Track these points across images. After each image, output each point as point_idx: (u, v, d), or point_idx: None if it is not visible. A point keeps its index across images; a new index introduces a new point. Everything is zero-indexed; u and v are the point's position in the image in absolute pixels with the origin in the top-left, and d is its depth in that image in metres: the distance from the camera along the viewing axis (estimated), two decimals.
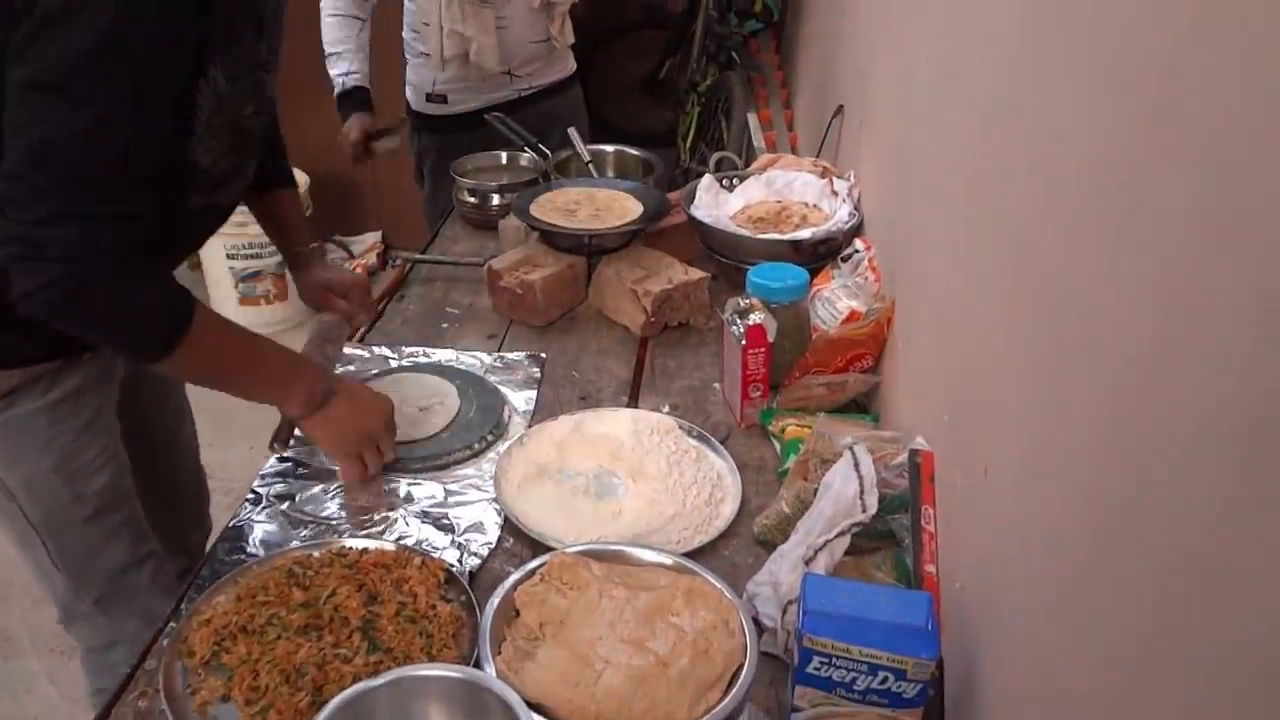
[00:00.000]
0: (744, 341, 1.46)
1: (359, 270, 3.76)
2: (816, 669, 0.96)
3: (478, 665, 1.01)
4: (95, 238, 1.08)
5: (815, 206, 1.95)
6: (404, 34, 2.45)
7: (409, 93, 2.52)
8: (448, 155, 2.35)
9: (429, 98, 2.45)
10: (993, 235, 1.04)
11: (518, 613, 1.09)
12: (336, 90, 2.33)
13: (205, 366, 1.25)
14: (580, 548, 1.15)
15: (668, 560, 1.15)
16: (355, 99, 2.33)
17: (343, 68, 2.31)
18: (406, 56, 2.49)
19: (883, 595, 1.00)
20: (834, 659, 0.95)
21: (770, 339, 1.47)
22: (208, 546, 1.80)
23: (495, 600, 1.08)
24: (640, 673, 0.98)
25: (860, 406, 1.56)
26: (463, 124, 2.44)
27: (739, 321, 1.48)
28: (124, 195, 1.10)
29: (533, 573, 1.12)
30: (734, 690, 1.00)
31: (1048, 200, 0.88)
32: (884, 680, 0.95)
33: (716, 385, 1.63)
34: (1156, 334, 0.65)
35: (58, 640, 2.24)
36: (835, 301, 1.66)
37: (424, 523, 1.32)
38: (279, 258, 3.53)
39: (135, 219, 1.12)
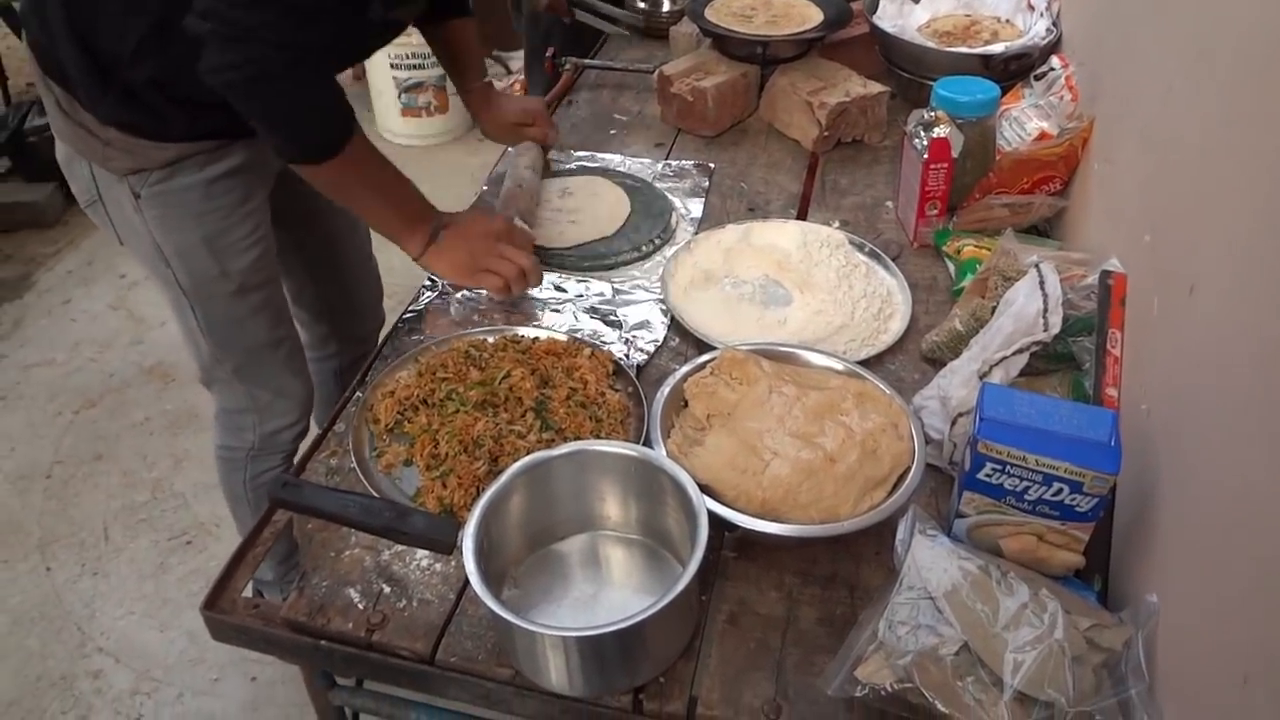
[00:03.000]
0: (926, 155, 1.39)
1: (516, 86, 3.75)
2: (988, 475, 0.95)
3: (648, 447, 1.05)
4: (294, 28, 1.10)
5: (1008, 21, 1.82)
6: None
7: None
8: None
9: None
10: (1219, 41, 0.95)
11: (686, 403, 1.11)
12: None
13: (349, 183, 1.28)
14: (751, 345, 1.16)
15: (838, 365, 1.14)
16: None
17: None
18: None
19: (1064, 408, 0.97)
20: (1008, 466, 0.94)
21: (954, 154, 1.40)
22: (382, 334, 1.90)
23: (665, 389, 1.10)
24: (808, 465, 0.99)
25: (1040, 232, 1.48)
26: None
27: (923, 134, 1.41)
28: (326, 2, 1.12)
29: (702, 366, 1.13)
30: (900, 490, 1.00)
31: None
32: (1058, 492, 0.93)
33: (889, 204, 1.57)
34: None
35: None
36: (1025, 122, 1.56)
37: (593, 317, 1.34)
38: (441, 70, 3.60)
39: (332, 18, 1.14)
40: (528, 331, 1.29)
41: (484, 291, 1.39)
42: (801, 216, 1.56)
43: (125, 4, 1.21)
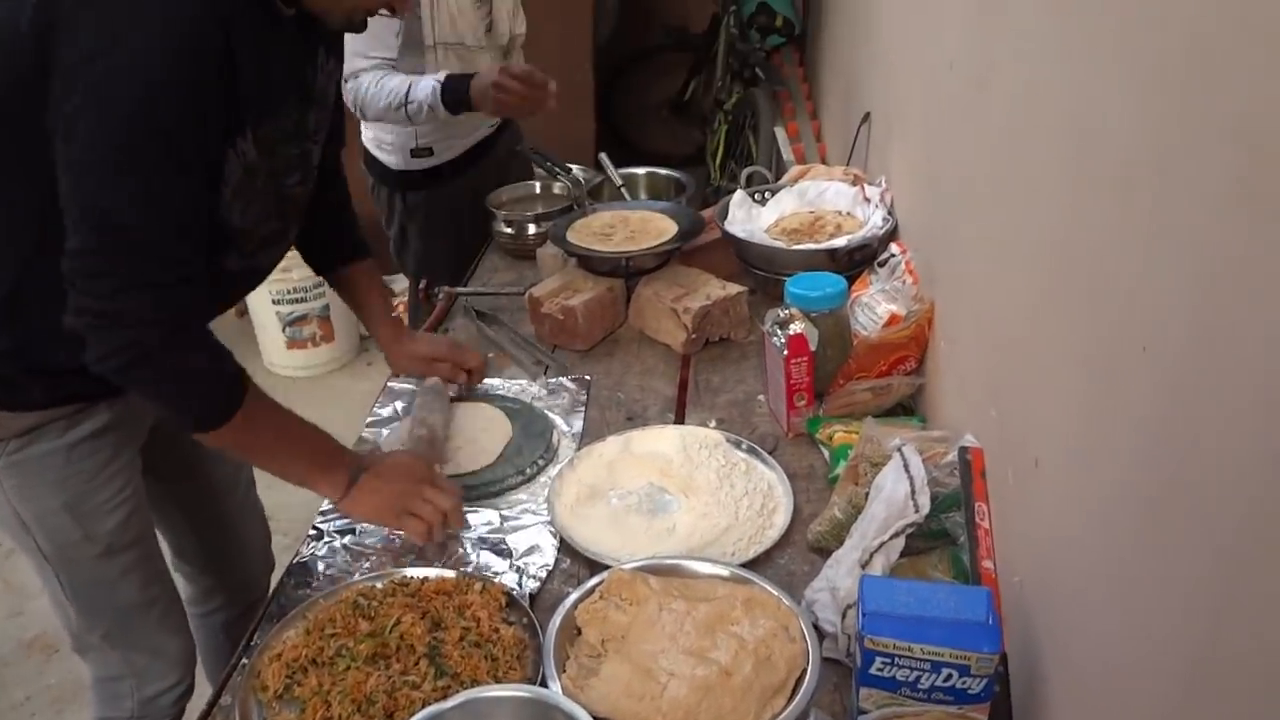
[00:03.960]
0: (786, 352, 1.47)
1: (399, 307, 3.82)
2: (880, 669, 0.96)
3: (543, 684, 1.03)
4: (164, 304, 1.14)
5: (849, 214, 1.96)
6: None
7: (387, 156, 2.37)
8: (437, 207, 2.38)
9: (414, 153, 2.34)
10: (1029, 231, 1.05)
11: (579, 631, 1.11)
12: (438, 96, 2.05)
13: (251, 442, 1.29)
14: (637, 563, 1.17)
15: (724, 571, 1.16)
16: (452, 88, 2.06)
17: (425, 82, 2.06)
18: (373, 122, 2.32)
19: (941, 593, 1.00)
20: (896, 658, 0.95)
21: (812, 347, 1.48)
22: (271, 581, 1.84)
23: (556, 620, 1.10)
24: (704, 683, 0.99)
25: (906, 409, 1.56)
26: (447, 172, 2.39)
27: (780, 332, 1.49)
28: (186, 260, 1.16)
29: (591, 591, 1.13)
30: (798, 696, 1.01)
31: (1082, 192, 0.88)
32: (948, 677, 0.95)
33: (761, 397, 1.64)
34: (1196, 318, 0.65)
35: None
36: (875, 306, 1.66)
37: (482, 548, 1.34)
38: (324, 301, 3.66)
39: (198, 284, 1.18)
40: (416, 572, 1.27)
41: (371, 532, 1.38)
42: (679, 419, 1.61)
43: None
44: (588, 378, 1.71)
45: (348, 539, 1.38)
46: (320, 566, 1.34)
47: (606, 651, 1.06)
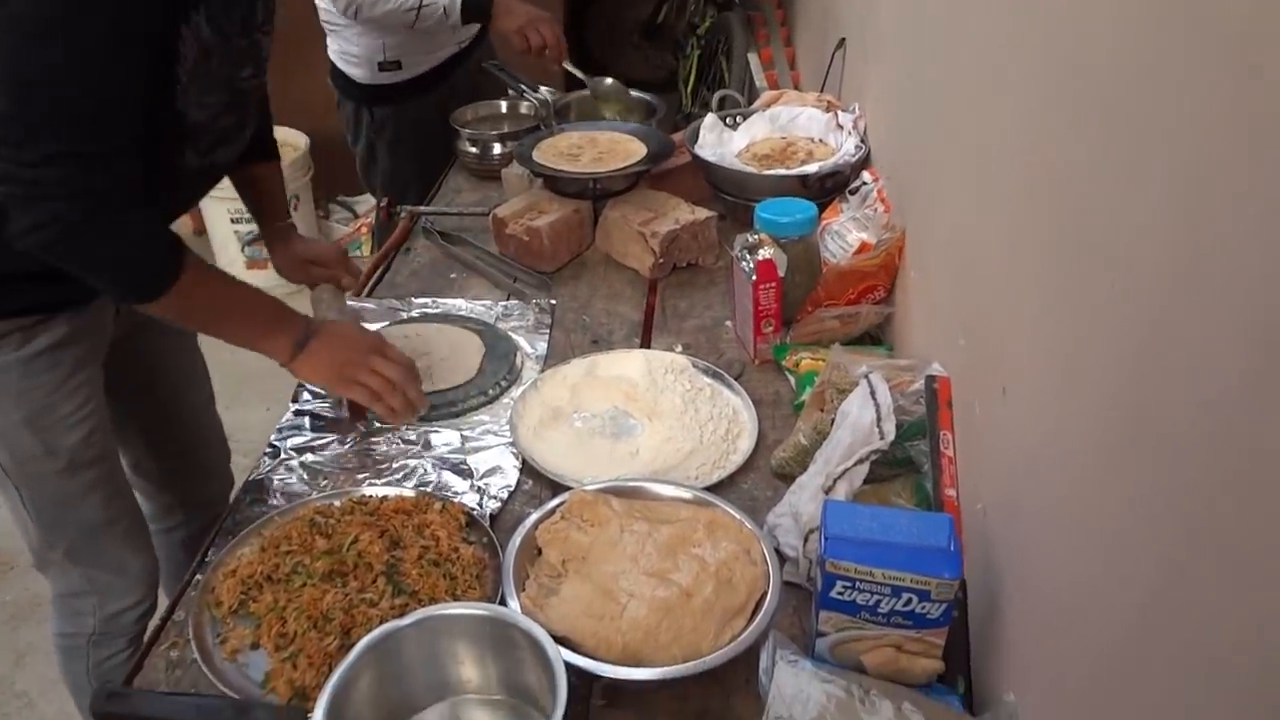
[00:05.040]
0: (754, 277, 1.45)
1: (363, 229, 3.75)
2: (840, 593, 0.96)
3: (502, 603, 1.02)
4: (89, 174, 1.09)
5: (820, 141, 1.93)
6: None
7: (353, 69, 2.31)
8: (404, 124, 2.31)
9: (382, 66, 2.27)
10: (1008, 156, 1.03)
11: (540, 551, 1.10)
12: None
13: (195, 310, 1.26)
14: (599, 485, 1.15)
15: (687, 494, 1.15)
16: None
17: None
18: (340, 30, 2.27)
19: (903, 518, 1.00)
20: (857, 583, 0.95)
21: (781, 273, 1.46)
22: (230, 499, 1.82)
23: (517, 539, 1.09)
24: (665, 603, 0.99)
25: (874, 339, 1.55)
26: (415, 88, 2.33)
27: (749, 257, 1.46)
28: (115, 133, 1.11)
29: (553, 511, 1.12)
30: (758, 618, 1.01)
31: (1063, 118, 0.86)
32: (908, 602, 0.95)
33: (728, 323, 1.62)
34: (1178, 241, 0.64)
35: None
36: (845, 234, 1.65)
37: (443, 469, 1.32)
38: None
39: (128, 159, 1.13)
40: (375, 491, 1.26)
41: (329, 451, 1.35)
42: (645, 344, 1.59)
43: None
44: (552, 301, 1.68)
45: (305, 457, 1.36)
46: (276, 484, 1.32)
47: (567, 572, 1.06)
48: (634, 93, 2.29)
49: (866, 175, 1.71)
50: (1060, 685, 0.84)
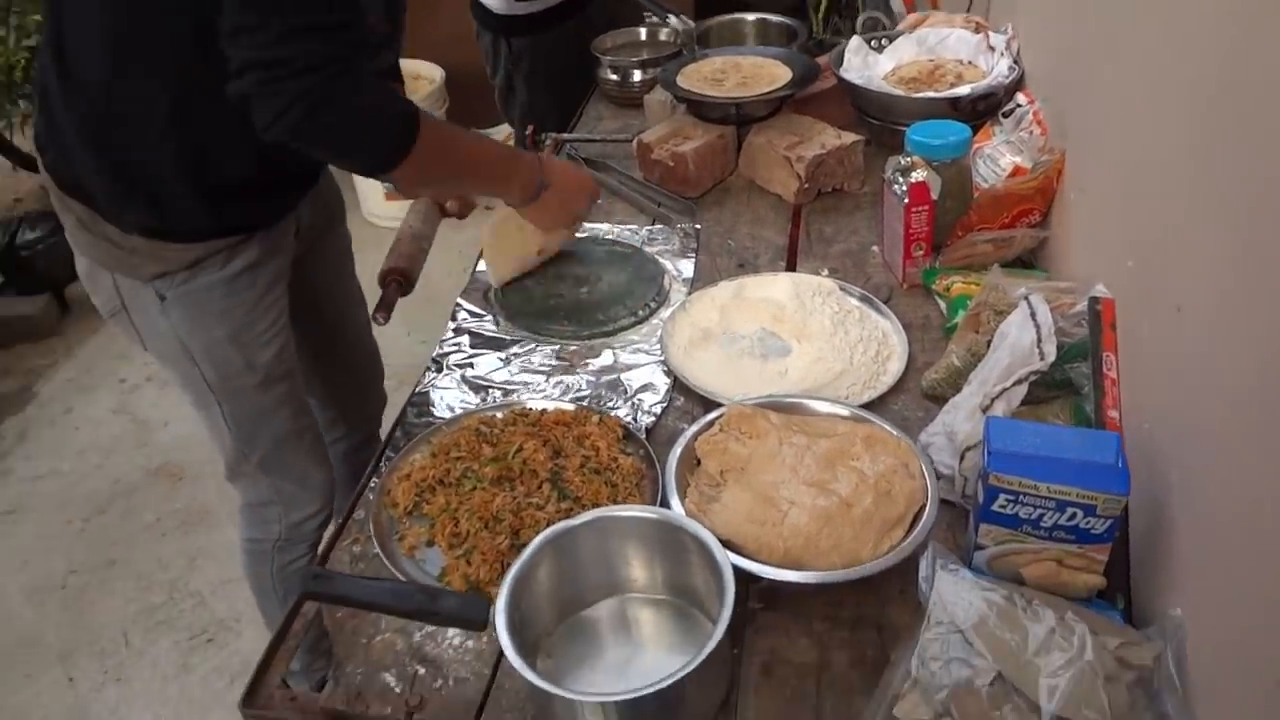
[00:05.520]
0: (907, 200, 1.44)
1: None
2: (1002, 507, 0.97)
3: (665, 508, 1.06)
4: (329, 45, 1.12)
5: (970, 63, 1.88)
6: None
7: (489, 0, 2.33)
8: (541, 54, 2.32)
9: None
10: (1186, 66, 0.99)
11: (699, 461, 1.13)
12: None
13: (436, 168, 1.32)
14: (757, 399, 1.18)
15: (844, 411, 1.17)
16: None
17: None
18: None
19: (1068, 435, 1.00)
20: (1020, 496, 0.96)
21: (934, 196, 1.44)
22: (383, 416, 1.92)
23: (677, 449, 1.13)
24: (825, 512, 1.02)
25: (1025, 263, 1.52)
26: (551, 18, 2.33)
27: (901, 180, 1.45)
28: (344, 4, 1.14)
29: (711, 424, 1.16)
30: (917, 528, 1.02)
31: (1240, 27, 0.83)
32: (1072, 517, 0.95)
33: (875, 248, 1.61)
34: None
35: None
36: (998, 158, 1.61)
37: (598, 385, 1.37)
38: None
39: (359, 29, 1.17)
40: (535, 404, 1.31)
41: (487, 366, 1.42)
42: (790, 268, 1.59)
43: (137, 92, 1.23)
44: (697, 226, 1.70)
45: (465, 372, 1.42)
46: (437, 397, 1.39)
47: (725, 482, 1.09)
48: (774, 18, 2.26)
49: (1021, 98, 1.66)
50: (1229, 603, 0.84)
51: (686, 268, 1.61)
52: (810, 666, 1.00)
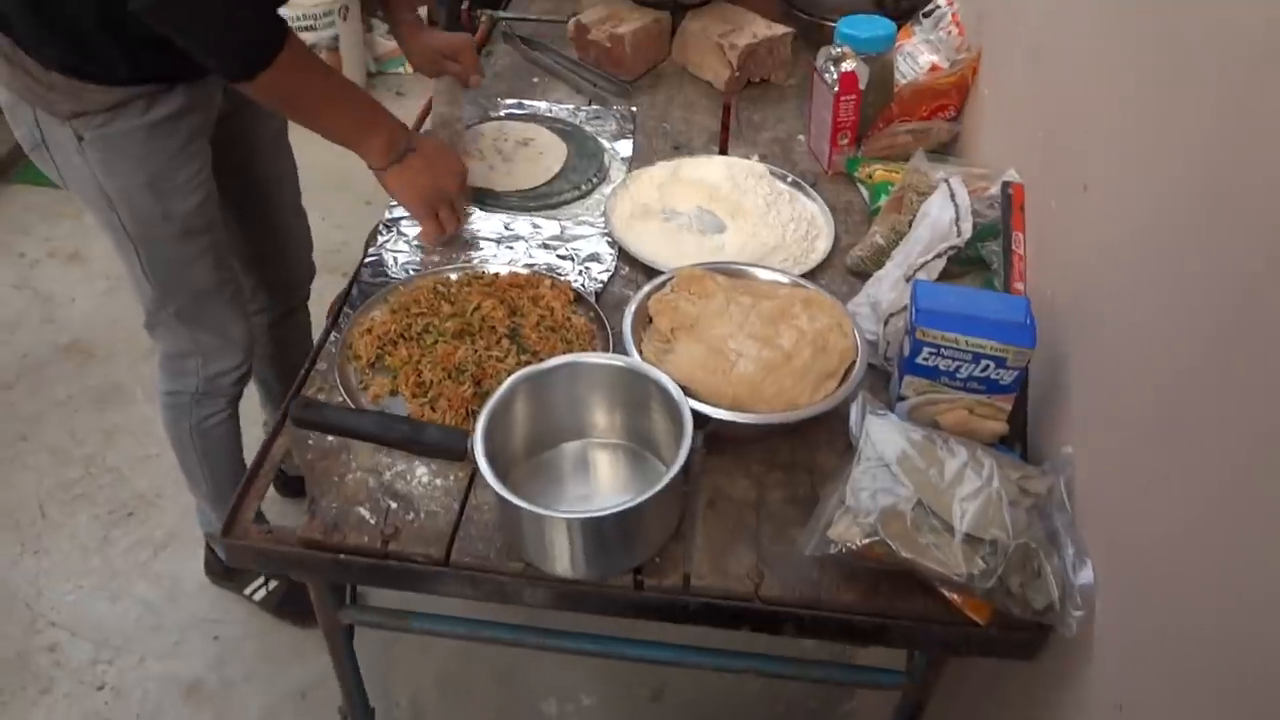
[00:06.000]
0: (837, 88, 1.53)
1: None
2: (925, 359, 1.09)
3: None
4: None
5: None
6: None
7: None
8: None
9: None
10: None
11: (650, 320, 1.22)
12: None
13: (292, 93, 1.31)
14: (706, 264, 1.27)
15: (784, 278, 1.27)
16: None
17: None
18: None
19: (984, 297, 1.13)
20: (942, 349, 1.08)
21: (861, 86, 1.54)
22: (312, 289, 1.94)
23: (632, 306, 1.21)
24: (769, 363, 1.12)
25: (939, 155, 1.64)
26: None
27: (832, 69, 1.54)
28: None
29: (663, 285, 1.24)
30: (849, 381, 1.14)
31: None
32: (985, 368, 1.08)
33: (801, 137, 1.70)
34: (1265, 39, 0.73)
35: None
36: (917, 56, 1.71)
37: (546, 253, 1.44)
38: (334, 31, 3.56)
39: None
40: (490, 267, 1.37)
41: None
42: (723, 152, 1.68)
43: None
44: (633, 108, 1.76)
45: (415, 235, 1.46)
46: (391, 259, 1.43)
47: (676, 338, 1.18)
48: None
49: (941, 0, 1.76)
50: (1111, 441, 0.98)
51: (624, 148, 1.67)
52: (750, 503, 1.12)
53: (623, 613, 1.05)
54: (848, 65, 1.53)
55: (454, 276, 1.35)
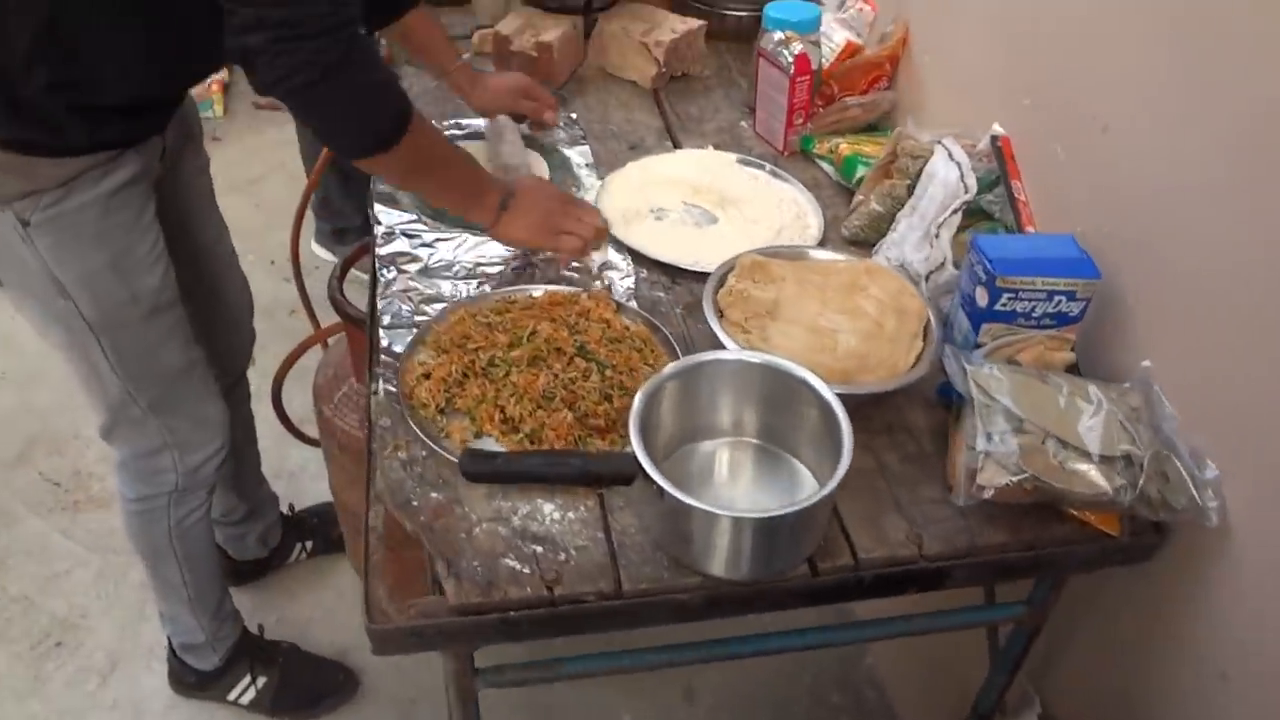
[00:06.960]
0: (793, 70, 1.58)
1: (214, 86, 3.48)
2: (1004, 305, 1.16)
3: None
4: (343, 12, 1.07)
5: None
6: None
7: None
8: None
9: None
10: None
11: (721, 314, 1.22)
12: None
13: (416, 165, 1.24)
14: (758, 250, 1.28)
15: (835, 255, 1.30)
16: None
17: None
18: None
19: (1036, 241, 1.22)
20: (1019, 292, 1.15)
21: (814, 67, 1.60)
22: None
23: (708, 303, 1.20)
24: (867, 333, 1.16)
25: (874, 127, 1.72)
26: None
27: (785, 53, 1.59)
28: None
29: (722, 280, 1.24)
30: (930, 338, 1.19)
31: None
32: (1057, 304, 1.17)
33: (744, 125, 1.74)
34: None
35: (55, 498, 2.16)
36: (831, 35, 1.79)
37: (561, 269, 1.39)
38: None
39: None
40: (522, 291, 1.32)
41: (436, 259, 1.38)
42: (677, 146, 1.69)
43: (8, 7, 1.10)
44: (572, 115, 1.74)
45: (417, 269, 1.38)
46: (399, 305, 1.34)
47: (750, 329, 1.19)
48: None
49: None
50: (1185, 351, 1.09)
51: (580, 154, 1.64)
52: (871, 471, 1.14)
53: (799, 603, 1.06)
54: (798, 48, 1.59)
55: (489, 305, 1.29)
